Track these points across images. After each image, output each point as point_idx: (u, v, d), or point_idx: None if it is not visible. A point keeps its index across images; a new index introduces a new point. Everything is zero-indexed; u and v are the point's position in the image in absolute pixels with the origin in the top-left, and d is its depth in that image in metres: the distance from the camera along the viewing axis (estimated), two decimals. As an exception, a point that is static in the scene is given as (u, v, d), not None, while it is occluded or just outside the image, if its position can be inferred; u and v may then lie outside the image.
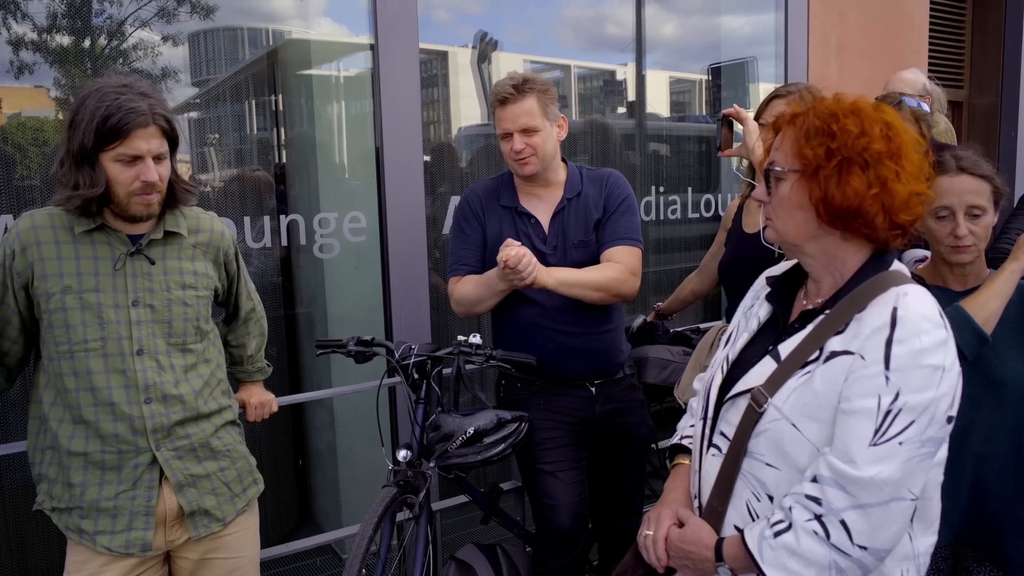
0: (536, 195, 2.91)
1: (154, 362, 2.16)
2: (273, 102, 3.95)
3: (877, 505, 1.49)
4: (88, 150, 2.02)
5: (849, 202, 1.57)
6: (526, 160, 2.79)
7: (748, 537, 1.61)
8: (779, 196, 1.67)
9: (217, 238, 2.37)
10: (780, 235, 1.70)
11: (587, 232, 2.87)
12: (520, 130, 2.76)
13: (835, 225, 1.62)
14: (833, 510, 1.50)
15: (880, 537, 1.50)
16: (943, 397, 1.52)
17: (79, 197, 2.04)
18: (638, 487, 3.11)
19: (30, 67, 3.14)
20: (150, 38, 3.37)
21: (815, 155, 1.59)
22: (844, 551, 1.50)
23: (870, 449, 1.49)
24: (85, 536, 2.14)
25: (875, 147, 1.57)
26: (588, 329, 2.83)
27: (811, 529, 1.52)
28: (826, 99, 1.65)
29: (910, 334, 1.51)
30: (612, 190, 2.92)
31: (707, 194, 4.96)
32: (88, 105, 2.02)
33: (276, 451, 4.15)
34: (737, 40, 5.27)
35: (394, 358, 2.72)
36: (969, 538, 2.28)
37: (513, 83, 2.75)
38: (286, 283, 3.95)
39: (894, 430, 1.49)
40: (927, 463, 1.53)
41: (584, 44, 4.82)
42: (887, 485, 1.48)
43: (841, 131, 1.58)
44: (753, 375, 1.70)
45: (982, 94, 6.82)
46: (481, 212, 2.92)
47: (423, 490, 2.61)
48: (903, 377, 1.50)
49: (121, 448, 2.12)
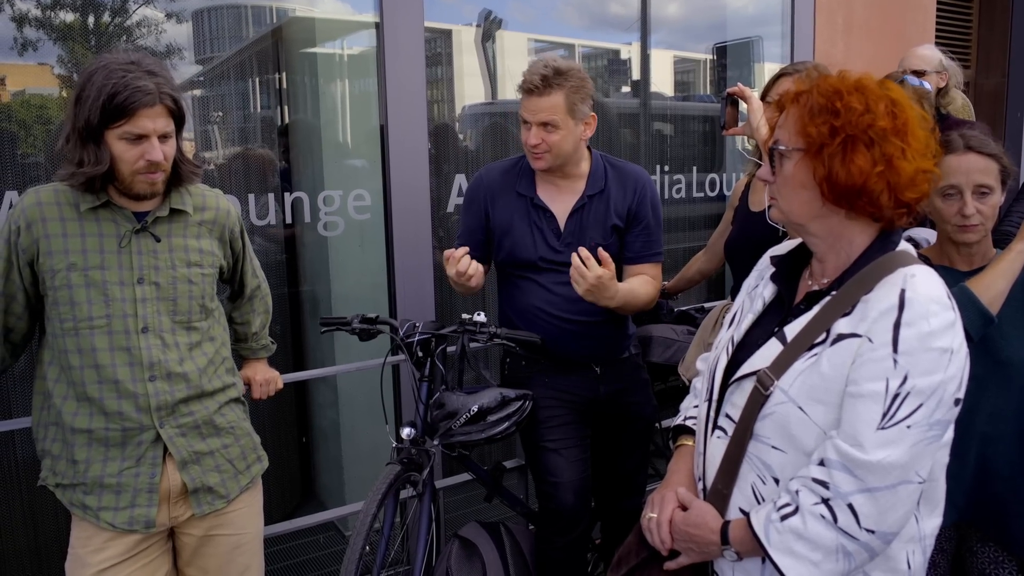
0: (555, 185, 2.84)
1: (159, 340, 2.16)
2: (277, 80, 3.93)
3: (885, 489, 1.49)
4: (93, 127, 2.01)
5: (854, 180, 1.55)
6: (539, 155, 2.72)
7: (754, 520, 1.61)
8: (783, 175, 1.65)
9: (223, 216, 2.36)
10: (785, 214, 1.69)
11: (605, 235, 2.81)
12: (539, 123, 2.67)
13: (840, 204, 1.60)
14: (840, 494, 1.50)
15: (887, 520, 1.50)
16: (951, 380, 1.51)
17: (83, 174, 2.04)
18: (642, 466, 3.11)
19: (34, 44, 3.13)
20: (154, 15, 3.36)
21: (819, 133, 1.57)
22: (851, 535, 1.51)
23: (878, 433, 1.49)
24: (89, 512, 2.15)
25: (880, 124, 1.56)
26: (595, 317, 2.80)
27: (818, 513, 1.52)
28: (830, 76, 1.64)
29: (918, 316, 1.50)
30: (644, 198, 2.85)
31: (712, 173, 4.95)
32: (95, 81, 2.00)
33: (280, 428, 4.17)
34: (743, 19, 5.24)
35: (398, 336, 2.72)
36: (973, 518, 2.29)
37: (544, 74, 2.62)
38: (290, 261, 3.95)
39: (902, 413, 1.49)
40: (934, 446, 1.53)
41: (588, 23, 4.79)
42: (895, 469, 1.48)
43: (845, 108, 1.56)
44: (759, 357, 1.69)
45: (989, 74, 6.79)
46: (488, 199, 2.88)
47: (427, 468, 2.61)
48: (911, 360, 1.49)
49: (125, 425, 2.12)
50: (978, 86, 6.84)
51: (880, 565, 1.61)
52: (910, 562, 1.64)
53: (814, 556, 1.53)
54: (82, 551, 2.17)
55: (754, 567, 1.68)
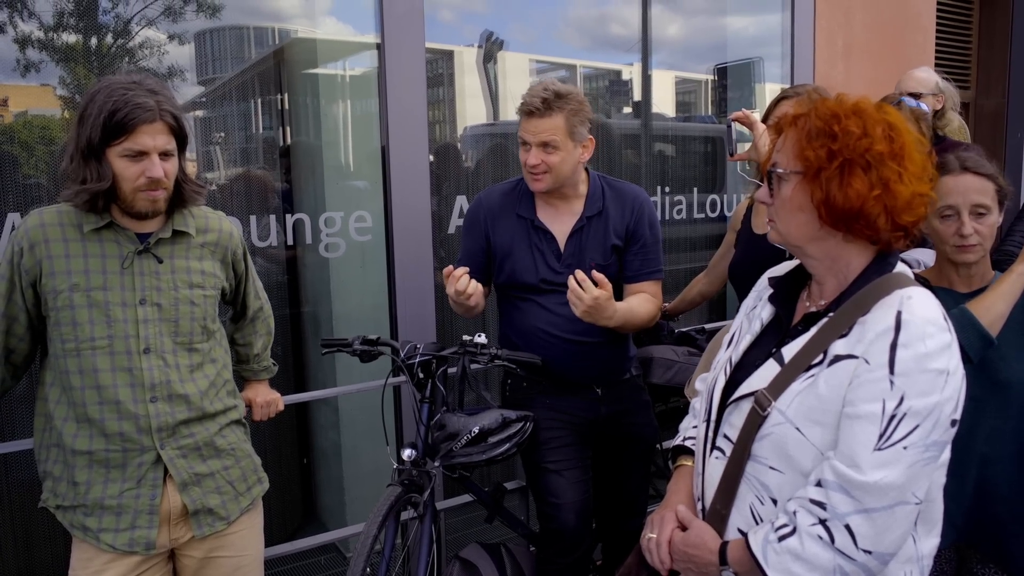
0: (554, 207, 2.86)
1: (160, 361, 2.16)
2: (279, 101, 3.95)
3: (882, 509, 1.48)
4: (95, 145, 2.03)
5: (851, 204, 1.56)
6: (538, 176, 2.73)
7: (752, 541, 1.61)
8: (781, 198, 1.66)
9: (225, 238, 2.37)
10: (783, 236, 1.70)
11: (605, 256, 2.82)
12: (539, 144, 2.68)
13: (837, 227, 1.61)
14: (838, 515, 1.50)
15: (885, 541, 1.50)
16: (947, 401, 1.52)
17: (86, 192, 2.05)
18: (643, 487, 3.10)
19: (36, 65, 3.15)
20: (156, 37, 3.38)
21: (816, 156, 1.58)
22: (849, 555, 1.50)
23: (875, 454, 1.49)
24: (89, 534, 2.14)
25: (877, 148, 1.57)
26: (596, 338, 2.80)
27: (816, 534, 1.52)
28: (828, 100, 1.65)
29: (914, 338, 1.50)
30: (641, 216, 2.86)
31: (713, 194, 4.96)
32: (97, 100, 2.03)
33: (281, 450, 4.16)
34: (743, 40, 5.27)
35: (399, 357, 2.72)
36: (973, 539, 2.28)
37: (544, 97, 2.65)
38: (292, 282, 3.96)
39: (898, 435, 1.49)
40: (931, 467, 1.53)
41: (590, 44, 4.82)
42: (892, 490, 1.48)
43: (843, 132, 1.57)
44: (756, 378, 1.69)
45: (989, 95, 6.81)
46: (488, 222, 2.88)
47: (427, 489, 2.61)
48: (907, 381, 1.49)
49: (126, 447, 2.12)
50: (978, 107, 6.86)
51: None
52: None
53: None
54: (83, 573, 2.17)
55: None
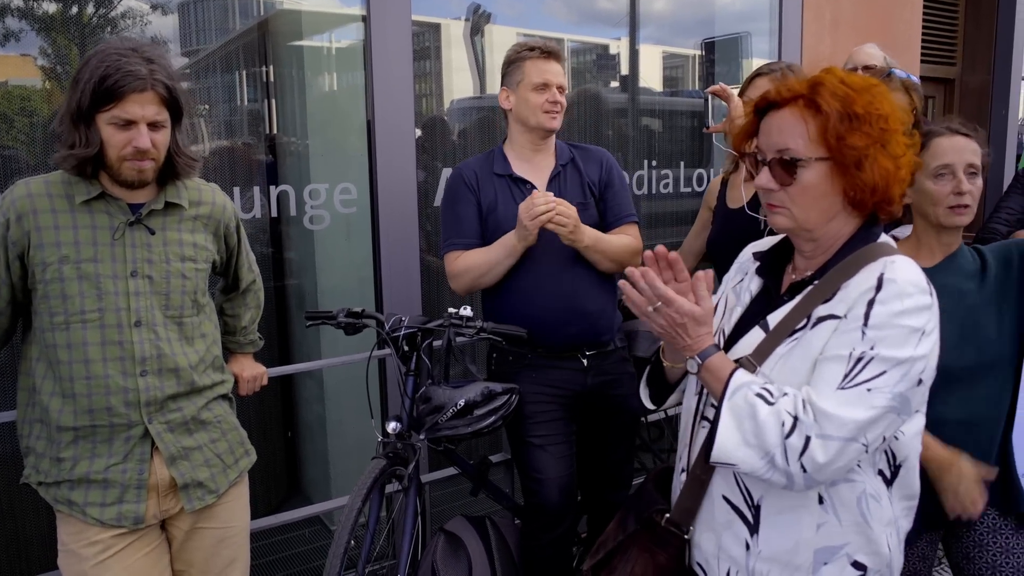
0: (528, 161, 2.95)
1: (152, 334, 2.14)
2: (264, 73, 3.91)
3: (837, 439, 1.50)
4: (84, 110, 2.00)
5: (877, 183, 1.58)
6: (557, 114, 2.89)
7: (738, 374, 1.62)
8: (802, 185, 1.63)
9: (219, 211, 2.35)
10: (800, 223, 1.68)
11: (585, 196, 2.93)
12: (558, 86, 2.88)
13: (860, 207, 1.63)
14: (807, 425, 1.52)
15: (824, 471, 1.52)
16: (919, 359, 1.54)
17: (74, 156, 2.03)
18: (628, 460, 3.13)
19: (16, 35, 3.11)
20: (139, 6, 3.34)
21: (847, 141, 1.58)
22: (789, 457, 1.52)
23: (838, 392, 1.52)
24: (75, 508, 2.13)
25: (891, 124, 1.59)
26: (580, 290, 2.85)
27: (783, 419, 1.53)
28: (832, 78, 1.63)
29: (892, 296, 1.53)
30: (611, 168, 3.02)
31: (699, 169, 4.96)
32: (91, 64, 2.00)
33: (266, 423, 4.16)
34: (731, 15, 5.25)
35: (384, 330, 2.72)
36: None
37: (551, 45, 2.92)
38: (276, 254, 3.94)
39: (863, 376, 1.52)
40: (891, 418, 1.54)
41: (577, 18, 4.80)
42: (850, 424, 1.50)
43: (870, 114, 1.58)
44: (742, 345, 1.71)
45: (974, 71, 6.83)
46: (475, 183, 2.91)
47: (412, 462, 2.61)
48: (879, 333, 1.52)
49: (113, 421, 2.11)
50: (963, 83, 6.88)
51: (863, 548, 1.64)
52: (889, 544, 1.67)
53: (750, 440, 1.55)
54: (74, 546, 2.15)
55: (739, 553, 1.70)
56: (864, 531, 1.64)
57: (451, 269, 2.88)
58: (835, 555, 1.64)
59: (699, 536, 1.79)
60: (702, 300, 1.67)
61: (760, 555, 1.67)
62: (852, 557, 1.64)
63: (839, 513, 1.63)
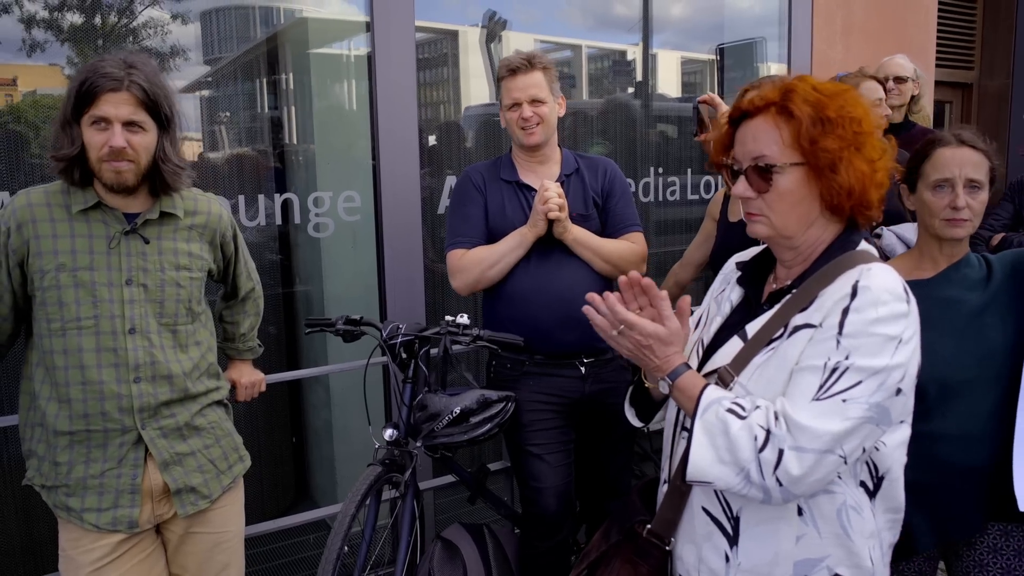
0: (534, 170, 2.98)
1: (146, 341, 2.17)
2: (269, 82, 3.95)
3: (812, 452, 1.49)
4: (69, 115, 2.07)
5: (853, 186, 1.58)
6: (533, 129, 2.88)
7: (708, 391, 1.61)
8: (778, 191, 1.63)
9: (214, 220, 2.37)
10: (778, 230, 1.67)
11: (587, 207, 2.94)
12: (529, 100, 2.87)
13: (837, 211, 1.63)
14: (779, 437, 1.51)
15: (800, 484, 1.51)
16: (896, 367, 1.52)
17: (56, 158, 2.09)
18: (626, 468, 3.12)
19: (43, 45, 3.17)
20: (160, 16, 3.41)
21: (820, 145, 1.58)
22: (763, 471, 1.51)
23: (813, 403, 1.51)
24: (73, 514, 2.17)
25: (864, 127, 1.59)
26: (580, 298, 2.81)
27: (755, 434, 1.52)
28: (803, 86, 1.63)
29: (867, 304, 1.52)
30: (614, 177, 3.04)
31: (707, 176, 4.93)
32: (79, 73, 2.07)
33: (273, 428, 4.18)
34: (743, 21, 5.23)
35: (381, 337, 2.73)
36: None
37: (523, 57, 2.90)
38: (283, 261, 3.97)
39: (839, 387, 1.50)
40: (869, 428, 1.53)
41: (593, 24, 4.81)
42: (826, 436, 1.49)
43: (842, 117, 1.58)
44: (721, 355, 1.71)
45: (993, 76, 6.75)
46: (483, 186, 2.95)
47: (409, 469, 2.63)
48: (854, 342, 1.51)
49: (107, 427, 2.14)
50: (982, 87, 6.80)
51: (844, 561, 1.63)
52: (872, 557, 1.66)
53: (724, 456, 1.54)
54: (72, 552, 2.20)
55: (719, 565, 1.69)
56: (845, 543, 1.62)
57: (455, 265, 2.89)
58: (815, 567, 1.63)
59: (680, 548, 1.78)
60: (667, 320, 1.68)
61: (740, 567, 1.67)
62: (833, 570, 1.63)
63: (819, 525, 1.62)
